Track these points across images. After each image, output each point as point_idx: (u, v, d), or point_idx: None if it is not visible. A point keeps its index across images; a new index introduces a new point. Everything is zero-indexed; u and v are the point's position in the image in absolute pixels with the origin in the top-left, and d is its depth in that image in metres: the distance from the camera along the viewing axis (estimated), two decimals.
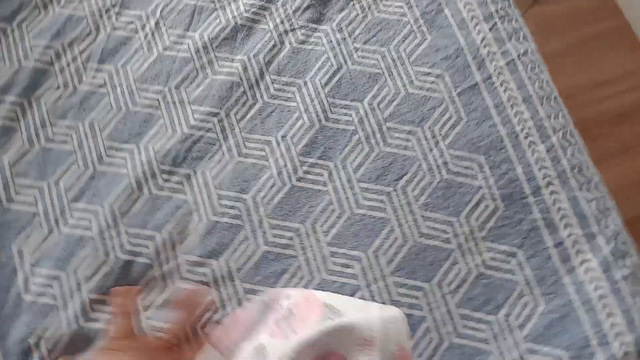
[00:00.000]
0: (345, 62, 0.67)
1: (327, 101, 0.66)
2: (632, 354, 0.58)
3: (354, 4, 0.69)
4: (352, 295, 0.60)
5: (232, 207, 0.63)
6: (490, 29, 0.68)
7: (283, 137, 0.65)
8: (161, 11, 0.70)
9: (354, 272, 0.61)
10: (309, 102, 0.66)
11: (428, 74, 0.66)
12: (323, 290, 0.60)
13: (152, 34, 0.69)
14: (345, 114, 0.66)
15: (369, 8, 0.69)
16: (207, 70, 0.67)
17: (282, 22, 0.69)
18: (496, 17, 0.68)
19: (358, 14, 0.69)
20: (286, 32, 0.69)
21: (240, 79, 0.67)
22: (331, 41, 0.68)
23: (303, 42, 0.68)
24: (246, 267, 0.61)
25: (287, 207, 0.63)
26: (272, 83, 0.67)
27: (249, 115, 0.66)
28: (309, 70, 0.67)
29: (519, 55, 0.67)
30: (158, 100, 0.66)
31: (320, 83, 0.67)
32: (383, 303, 0.60)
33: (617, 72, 1.32)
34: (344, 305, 0.52)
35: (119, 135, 0.66)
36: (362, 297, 0.60)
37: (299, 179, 0.63)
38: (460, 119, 0.65)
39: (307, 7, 0.69)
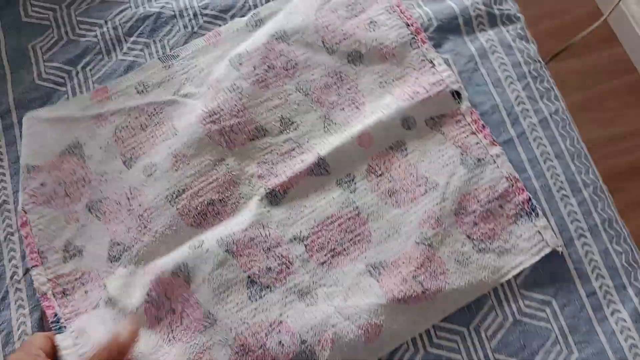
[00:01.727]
0: None
1: None
2: None
3: None
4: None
5: None
6: (523, 88, 0.72)
7: None
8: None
9: None
10: None
11: None
12: None
13: None
14: None
15: None
16: None
17: None
18: (529, 77, 0.73)
19: None
20: None
21: None
22: None
23: None
24: None
25: None
26: None
27: None
28: None
29: (550, 114, 0.72)
30: None
31: None
32: (423, 346, 0.62)
33: (630, 128, 1.37)
34: None
35: None
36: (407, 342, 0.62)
37: None
38: None
39: None
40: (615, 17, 1.40)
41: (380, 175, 0.67)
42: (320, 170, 0.66)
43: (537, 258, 0.64)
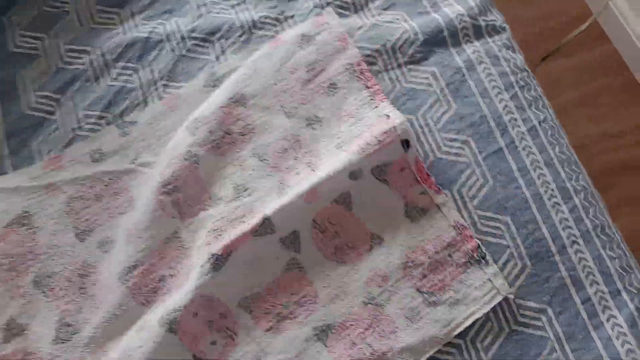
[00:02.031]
0: None
1: None
2: None
3: (383, 76, 0.75)
4: None
5: None
6: (511, 98, 0.73)
7: None
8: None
9: None
10: None
11: (454, 140, 0.71)
12: None
13: None
14: None
15: (397, 79, 0.75)
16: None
17: None
18: (516, 86, 0.74)
19: (387, 85, 0.74)
20: None
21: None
22: None
23: None
24: None
25: None
26: None
27: None
28: None
29: (539, 122, 0.72)
30: None
31: None
32: None
33: (624, 125, 1.38)
34: None
35: None
36: None
37: None
38: (487, 182, 0.69)
39: None
40: (605, 16, 1.41)
41: (324, 230, 0.66)
42: (265, 230, 0.64)
43: (489, 307, 0.63)
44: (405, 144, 0.68)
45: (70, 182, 0.68)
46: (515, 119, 0.72)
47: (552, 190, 0.69)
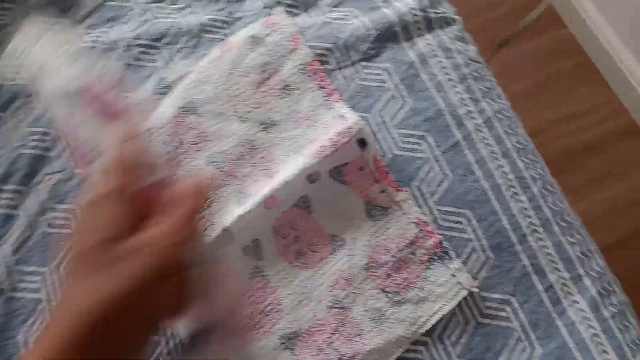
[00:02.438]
0: None
1: None
2: None
3: (336, 74, 0.73)
4: None
5: None
6: (465, 90, 0.73)
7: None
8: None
9: None
10: None
11: (411, 135, 0.71)
12: None
13: None
14: None
15: (351, 77, 0.74)
16: None
17: None
18: (470, 78, 0.73)
19: (342, 83, 0.73)
20: None
21: None
22: None
23: None
24: None
25: None
26: None
27: None
28: None
29: (494, 113, 0.72)
30: None
31: None
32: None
33: (581, 107, 1.40)
34: None
35: None
36: None
37: None
38: (446, 176, 0.69)
39: None
40: (559, 0, 1.42)
41: (285, 236, 0.65)
42: (225, 241, 0.63)
43: (455, 303, 0.63)
44: (361, 143, 0.67)
45: None
46: (471, 111, 0.72)
47: (511, 180, 0.69)
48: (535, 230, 0.67)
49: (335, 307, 0.63)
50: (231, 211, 0.65)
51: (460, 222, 0.67)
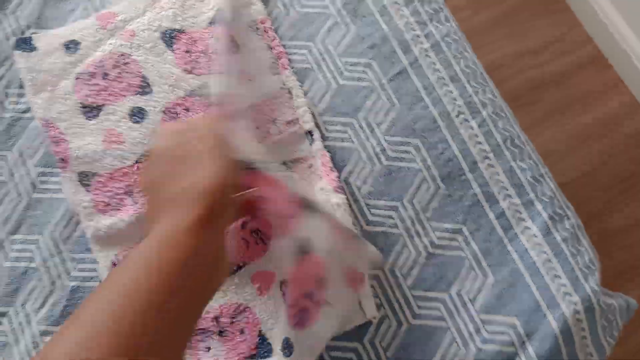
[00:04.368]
0: None
1: None
2: (580, 312, 0.61)
3: (275, 2, 0.68)
4: None
5: None
6: (412, 13, 0.69)
7: None
8: None
9: None
10: None
11: (357, 64, 0.67)
12: None
13: None
14: None
15: (291, 4, 0.69)
16: None
17: None
18: (416, 0, 0.69)
19: (281, 11, 0.68)
20: None
21: None
22: None
23: None
24: None
25: None
26: None
27: None
28: None
29: (442, 36, 0.68)
30: None
31: None
32: None
33: (543, 39, 1.37)
34: None
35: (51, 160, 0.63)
36: None
37: None
38: (393, 105, 0.66)
39: None
40: None
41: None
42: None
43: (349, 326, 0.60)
44: (310, 135, 0.63)
45: None
46: (418, 36, 0.68)
47: (460, 106, 0.66)
48: (486, 156, 0.65)
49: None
50: None
51: (409, 152, 0.65)
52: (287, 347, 0.55)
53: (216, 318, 0.58)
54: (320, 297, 0.53)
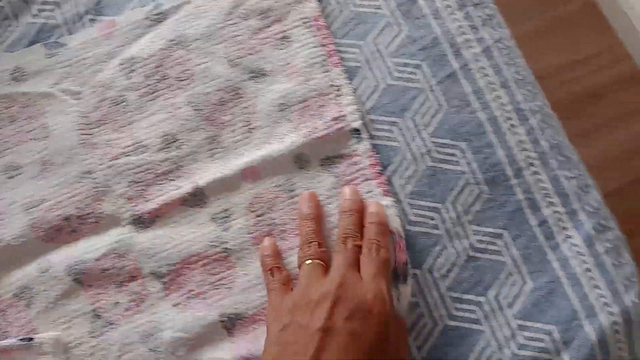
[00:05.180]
0: None
1: None
2: (619, 323, 0.61)
3: (329, 0, 0.70)
4: None
5: None
6: (464, 17, 0.69)
7: None
8: None
9: None
10: None
11: (407, 64, 0.67)
12: None
13: None
14: None
15: (345, 2, 0.70)
16: None
17: None
18: (470, 4, 0.70)
19: (335, 9, 0.70)
20: None
21: None
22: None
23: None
24: None
25: None
26: None
27: None
28: None
29: (494, 42, 0.69)
30: None
31: None
32: None
33: (591, 50, 1.36)
34: None
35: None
36: None
37: None
38: (441, 107, 0.66)
39: None
40: None
41: (260, 215, 0.62)
42: (196, 201, 0.62)
43: None
44: (356, 132, 0.64)
45: None
46: (469, 40, 0.68)
47: (508, 112, 0.66)
48: (531, 163, 0.65)
49: None
50: (207, 165, 0.63)
51: (454, 155, 0.65)
52: None
53: None
54: None
